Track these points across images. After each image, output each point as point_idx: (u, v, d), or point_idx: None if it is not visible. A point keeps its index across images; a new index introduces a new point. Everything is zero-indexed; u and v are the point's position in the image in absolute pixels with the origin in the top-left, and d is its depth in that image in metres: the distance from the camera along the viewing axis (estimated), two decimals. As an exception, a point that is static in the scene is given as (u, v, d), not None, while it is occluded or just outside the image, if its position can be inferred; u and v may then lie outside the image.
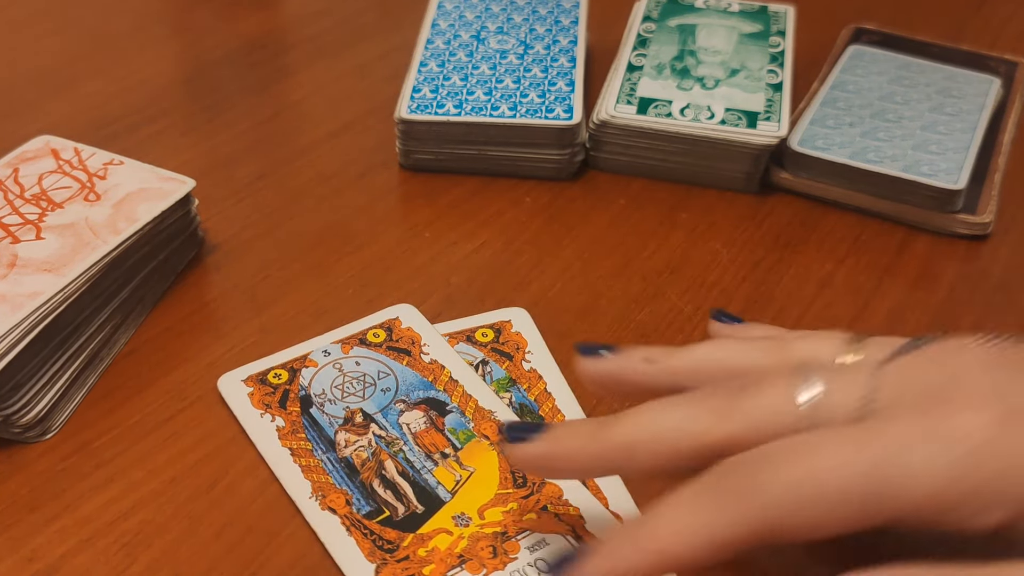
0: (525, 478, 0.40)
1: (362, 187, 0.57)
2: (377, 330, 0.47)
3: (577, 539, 0.38)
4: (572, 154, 0.57)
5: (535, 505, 0.39)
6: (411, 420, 0.43)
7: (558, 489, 0.40)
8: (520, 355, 0.46)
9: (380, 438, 0.42)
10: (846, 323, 0.49)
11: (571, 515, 0.39)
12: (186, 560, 0.39)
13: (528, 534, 0.38)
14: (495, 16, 0.63)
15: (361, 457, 0.41)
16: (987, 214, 0.53)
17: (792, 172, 0.56)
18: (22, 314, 0.42)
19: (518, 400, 0.44)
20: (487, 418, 0.43)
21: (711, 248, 0.53)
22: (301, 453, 0.41)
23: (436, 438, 0.42)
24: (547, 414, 0.43)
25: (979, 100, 0.59)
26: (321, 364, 0.45)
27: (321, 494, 0.40)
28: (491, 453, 0.41)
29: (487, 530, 0.38)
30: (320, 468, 0.41)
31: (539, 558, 0.37)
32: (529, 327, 0.48)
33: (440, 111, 0.56)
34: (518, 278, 0.51)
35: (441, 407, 0.43)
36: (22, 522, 0.40)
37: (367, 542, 0.38)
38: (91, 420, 0.44)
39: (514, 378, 0.45)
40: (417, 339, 0.46)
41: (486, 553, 0.38)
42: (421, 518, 0.39)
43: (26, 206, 0.48)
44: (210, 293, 0.50)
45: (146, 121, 0.61)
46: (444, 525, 0.39)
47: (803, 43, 0.62)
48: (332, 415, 0.43)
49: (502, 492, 0.40)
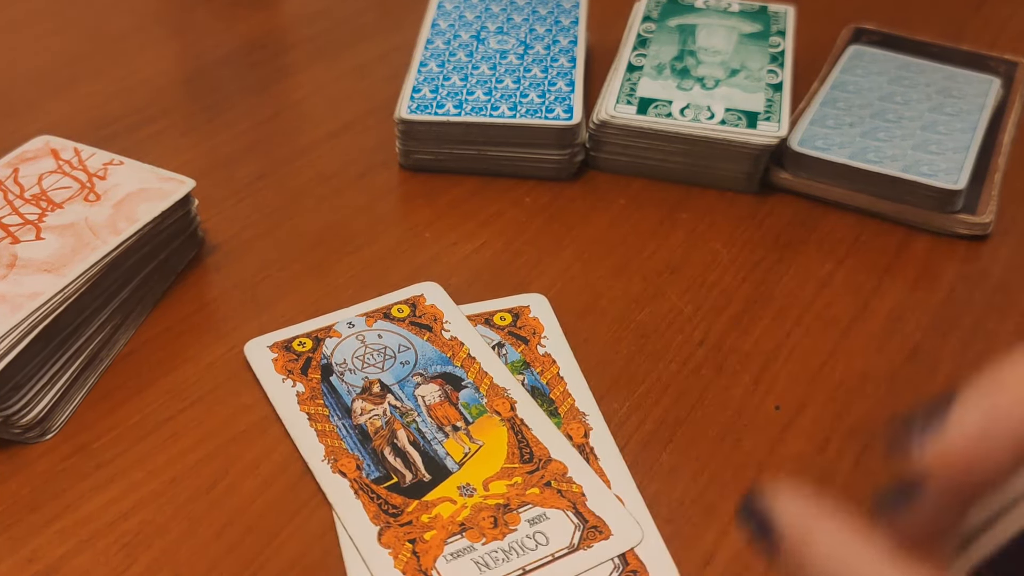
0: (532, 454, 0.41)
1: (362, 187, 0.57)
2: (402, 305, 0.48)
3: (578, 515, 0.39)
4: (572, 154, 0.57)
5: (539, 480, 0.41)
6: (427, 393, 0.44)
7: (563, 466, 0.41)
8: (536, 340, 0.47)
9: (395, 408, 0.43)
10: (846, 323, 0.49)
11: (573, 492, 0.40)
12: (186, 560, 0.39)
13: (530, 507, 0.40)
14: (495, 16, 0.63)
15: (375, 425, 0.43)
16: (987, 214, 0.53)
17: (792, 172, 0.56)
18: (22, 314, 0.42)
19: (530, 383, 0.45)
20: (501, 395, 0.44)
21: (711, 248, 0.53)
22: (318, 418, 0.43)
23: (449, 411, 0.43)
24: (557, 398, 0.44)
25: (979, 100, 0.59)
26: (345, 335, 0.47)
27: (333, 458, 0.41)
28: (501, 428, 0.42)
29: (490, 501, 0.40)
30: (335, 433, 0.42)
31: (538, 531, 0.39)
32: (547, 313, 0.48)
33: (440, 111, 0.56)
34: (518, 278, 0.51)
35: (457, 382, 0.44)
36: (22, 522, 0.40)
37: (373, 505, 0.39)
38: (91, 420, 0.44)
39: (528, 361, 0.46)
40: (439, 316, 0.47)
41: (487, 523, 0.39)
42: (427, 486, 0.40)
43: (26, 206, 0.48)
44: (210, 293, 0.50)
45: (146, 121, 0.61)
46: (449, 494, 0.40)
47: (803, 43, 0.62)
48: (351, 384, 0.44)
49: (508, 466, 0.41)
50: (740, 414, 0.45)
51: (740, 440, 0.43)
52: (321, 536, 0.39)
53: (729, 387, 0.46)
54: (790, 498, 0.26)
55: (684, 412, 0.45)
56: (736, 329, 0.49)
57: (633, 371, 0.46)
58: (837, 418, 0.44)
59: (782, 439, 0.44)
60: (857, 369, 0.47)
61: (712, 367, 0.47)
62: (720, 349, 0.48)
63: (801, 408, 0.45)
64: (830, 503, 0.25)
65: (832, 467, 0.42)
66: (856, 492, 0.41)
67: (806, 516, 0.25)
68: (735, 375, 0.46)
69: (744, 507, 0.27)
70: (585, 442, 0.42)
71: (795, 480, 0.27)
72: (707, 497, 0.41)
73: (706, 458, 0.43)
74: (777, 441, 0.43)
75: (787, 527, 0.25)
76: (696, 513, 0.40)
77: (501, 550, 0.38)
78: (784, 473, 0.42)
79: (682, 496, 0.41)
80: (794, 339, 0.48)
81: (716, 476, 0.42)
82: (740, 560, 0.39)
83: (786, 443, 0.43)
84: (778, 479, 0.28)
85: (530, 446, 0.42)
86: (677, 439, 0.43)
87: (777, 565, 0.26)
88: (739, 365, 0.47)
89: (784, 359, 0.47)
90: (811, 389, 0.46)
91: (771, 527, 0.25)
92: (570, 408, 0.44)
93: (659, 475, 0.42)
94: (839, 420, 0.44)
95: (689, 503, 0.41)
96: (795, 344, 0.48)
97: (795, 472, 0.42)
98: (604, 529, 0.39)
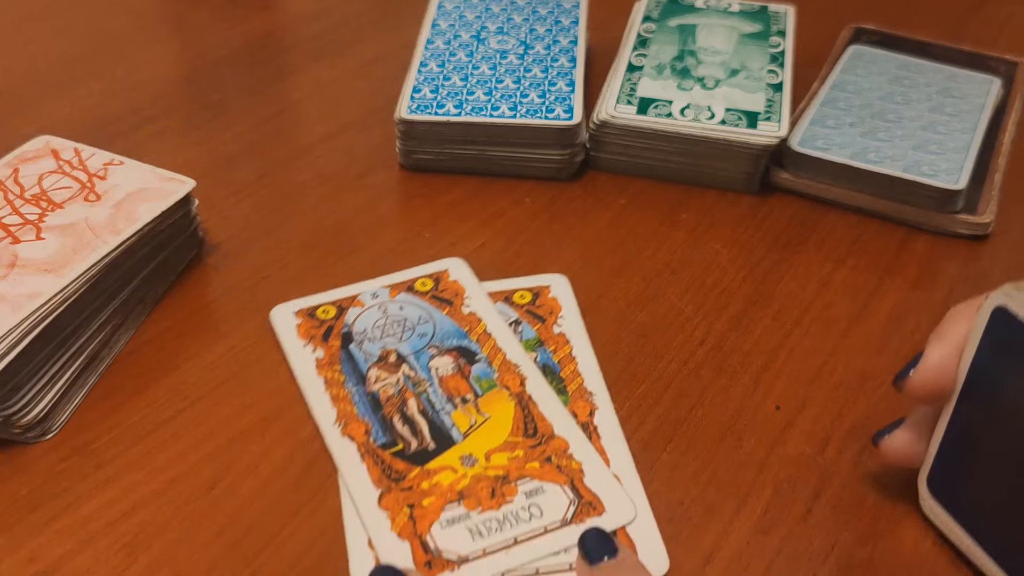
0: (536, 429, 0.42)
1: (362, 187, 0.57)
2: (425, 279, 0.49)
3: (574, 491, 0.40)
4: (572, 154, 0.57)
5: (540, 455, 0.42)
6: (440, 365, 0.45)
7: (565, 443, 0.42)
8: (552, 319, 0.48)
9: (408, 378, 0.45)
10: (846, 323, 0.49)
11: (572, 468, 0.41)
12: (186, 560, 0.39)
13: (528, 480, 0.41)
14: (495, 16, 0.63)
15: (387, 393, 0.44)
16: (987, 214, 0.53)
17: (792, 172, 0.56)
18: (22, 314, 0.42)
19: (542, 360, 0.46)
20: (512, 371, 0.45)
21: (711, 248, 0.53)
22: (333, 383, 0.44)
23: (460, 384, 0.44)
24: (567, 376, 0.45)
25: (979, 100, 0.59)
26: (368, 305, 0.48)
27: (344, 422, 0.43)
28: (509, 403, 0.44)
29: (490, 472, 0.41)
30: (348, 399, 0.44)
31: (533, 504, 0.40)
32: (566, 294, 0.49)
33: (440, 111, 0.56)
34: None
35: (471, 356, 0.46)
36: (22, 522, 0.40)
37: (377, 469, 0.41)
38: (91, 420, 0.44)
39: (543, 339, 0.47)
40: (461, 291, 0.49)
41: (485, 493, 0.40)
42: (431, 454, 0.42)
43: (26, 206, 0.48)
44: (210, 293, 0.50)
45: (146, 121, 0.61)
46: (451, 463, 0.41)
47: (803, 43, 0.62)
48: (368, 352, 0.46)
49: (512, 439, 0.42)
50: (740, 414, 0.45)
51: (740, 440, 0.43)
52: (321, 536, 0.39)
53: (729, 387, 0.46)
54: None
55: (684, 412, 0.45)
56: (736, 329, 0.49)
57: (633, 371, 0.46)
58: (837, 418, 0.44)
59: (782, 439, 0.44)
60: (857, 369, 0.47)
61: (712, 367, 0.47)
62: (720, 349, 0.48)
63: (801, 408, 0.45)
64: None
65: (832, 467, 0.42)
66: (856, 492, 0.41)
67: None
68: (735, 375, 0.46)
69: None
70: (590, 420, 0.43)
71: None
72: (707, 497, 0.41)
73: (706, 458, 0.43)
74: (777, 441, 0.43)
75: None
76: (696, 513, 0.40)
77: (495, 519, 0.39)
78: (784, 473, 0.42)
79: (682, 496, 0.41)
80: (794, 339, 0.48)
81: (716, 476, 0.42)
82: (740, 560, 0.39)
83: (786, 443, 0.43)
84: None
85: (535, 421, 0.43)
86: (677, 439, 0.43)
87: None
88: (739, 365, 0.47)
89: (784, 359, 0.47)
90: (811, 389, 0.46)
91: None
92: (579, 387, 0.45)
93: (659, 475, 0.42)
94: (839, 420, 0.44)
95: (689, 503, 0.41)
96: (795, 344, 0.48)
97: (795, 472, 0.42)
98: (598, 505, 0.40)
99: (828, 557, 0.39)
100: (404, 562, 0.38)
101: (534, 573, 0.38)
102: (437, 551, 0.38)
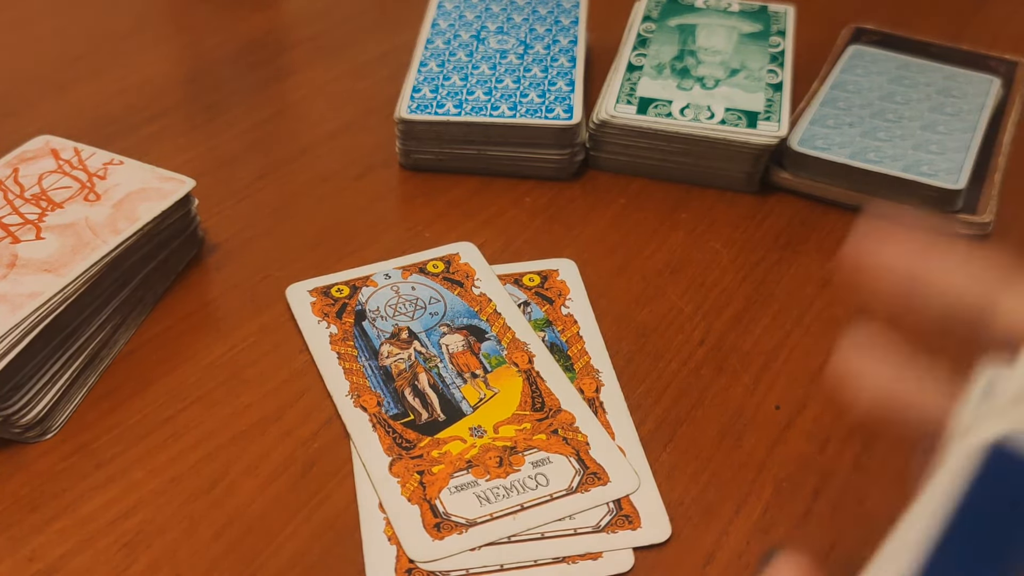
0: (544, 403, 0.44)
1: (362, 187, 0.57)
2: (437, 262, 0.51)
3: (580, 462, 0.41)
4: (572, 154, 0.57)
5: (547, 428, 0.43)
6: (451, 342, 0.46)
7: (571, 417, 0.43)
8: (561, 301, 0.49)
9: (420, 354, 0.46)
10: (846, 323, 0.49)
11: (578, 440, 0.42)
12: (186, 560, 0.39)
13: (535, 451, 0.42)
14: (495, 16, 0.63)
15: (399, 367, 0.45)
16: (987, 214, 0.53)
17: (792, 172, 0.56)
18: (22, 314, 0.42)
19: (550, 339, 0.47)
20: (521, 349, 0.46)
21: (711, 248, 0.53)
22: (347, 358, 0.46)
23: (470, 360, 0.46)
24: (575, 355, 0.47)
25: (979, 100, 0.59)
26: (381, 285, 0.49)
27: (357, 394, 0.44)
28: (517, 379, 0.45)
29: (498, 443, 0.42)
30: (360, 372, 0.45)
31: (540, 473, 0.41)
32: (574, 277, 0.50)
33: (440, 111, 0.56)
34: (518, 278, 0.51)
35: (480, 334, 0.47)
36: (22, 522, 0.40)
37: (388, 438, 0.42)
38: (91, 420, 0.44)
39: (551, 320, 0.48)
40: (472, 273, 0.50)
41: (493, 463, 0.42)
42: (441, 425, 0.43)
43: (26, 206, 0.48)
44: (210, 293, 0.50)
45: (146, 121, 0.61)
46: (460, 434, 0.43)
47: (803, 43, 0.62)
48: (381, 329, 0.47)
49: (520, 412, 0.43)
50: (740, 414, 0.45)
51: (740, 440, 0.43)
52: (321, 536, 0.39)
53: (729, 387, 0.46)
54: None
55: (684, 412, 0.45)
56: (736, 329, 0.49)
57: (633, 370, 0.46)
58: (837, 418, 0.44)
59: (782, 439, 0.44)
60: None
61: (712, 367, 0.47)
62: (720, 349, 0.48)
63: (801, 408, 0.45)
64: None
65: (832, 467, 0.42)
66: (856, 492, 0.41)
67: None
68: (735, 375, 0.46)
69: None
70: (596, 396, 0.45)
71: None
72: (707, 497, 0.41)
73: (706, 458, 0.43)
74: (777, 441, 0.43)
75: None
76: (696, 513, 0.40)
77: (503, 487, 0.41)
78: (784, 473, 0.42)
79: (682, 496, 0.41)
80: (794, 339, 0.48)
81: (716, 476, 0.42)
82: (740, 560, 0.39)
83: (786, 443, 0.43)
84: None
85: (542, 396, 0.44)
86: (677, 439, 0.43)
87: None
88: (739, 365, 0.47)
89: (784, 359, 0.47)
90: (811, 389, 0.46)
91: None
92: (585, 365, 0.46)
93: (659, 475, 0.42)
94: (839, 420, 0.44)
95: (689, 503, 0.41)
96: (795, 344, 0.48)
97: (795, 472, 0.42)
98: (603, 476, 0.41)
99: (828, 557, 0.39)
100: (413, 524, 0.39)
101: (540, 536, 0.39)
102: (446, 515, 0.40)
